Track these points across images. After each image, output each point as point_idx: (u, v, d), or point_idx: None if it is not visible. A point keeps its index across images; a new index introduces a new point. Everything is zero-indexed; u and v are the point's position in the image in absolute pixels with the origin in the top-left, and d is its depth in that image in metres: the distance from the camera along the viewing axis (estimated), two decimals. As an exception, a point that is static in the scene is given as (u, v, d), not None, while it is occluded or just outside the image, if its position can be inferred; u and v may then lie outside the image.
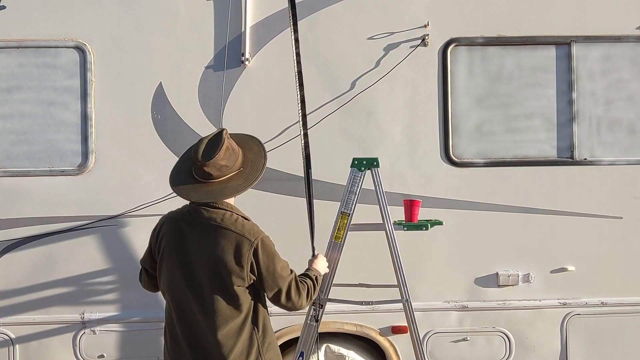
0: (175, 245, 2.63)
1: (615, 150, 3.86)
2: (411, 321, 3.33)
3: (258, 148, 2.79)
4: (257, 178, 2.67)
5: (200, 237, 2.58)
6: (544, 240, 3.84)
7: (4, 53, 3.67)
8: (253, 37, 3.74)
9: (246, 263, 2.54)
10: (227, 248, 2.53)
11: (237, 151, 2.67)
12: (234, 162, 2.64)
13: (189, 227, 2.62)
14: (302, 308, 2.78)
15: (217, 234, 2.56)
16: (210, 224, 2.58)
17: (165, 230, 2.68)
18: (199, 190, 2.61)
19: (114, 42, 3.71)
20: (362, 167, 3.38)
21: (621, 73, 3.86)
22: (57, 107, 3.69)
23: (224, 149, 2.58)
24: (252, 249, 2.55)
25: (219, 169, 2.59)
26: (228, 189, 2.61)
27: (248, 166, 2.70)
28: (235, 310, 2.56)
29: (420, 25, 3.80)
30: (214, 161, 2.56)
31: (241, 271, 2.53)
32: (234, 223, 2.59)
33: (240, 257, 2.53)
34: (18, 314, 3.67)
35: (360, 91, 3.76)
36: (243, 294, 2.57)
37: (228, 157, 2.61)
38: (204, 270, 2.55)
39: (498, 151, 3.83)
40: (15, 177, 3.66)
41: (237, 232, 2.56)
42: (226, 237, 2.55)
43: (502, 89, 3.84)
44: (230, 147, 2.63)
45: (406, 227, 3.44)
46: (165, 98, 3.72)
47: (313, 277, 2.91)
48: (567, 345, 3.87)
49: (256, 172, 2.69)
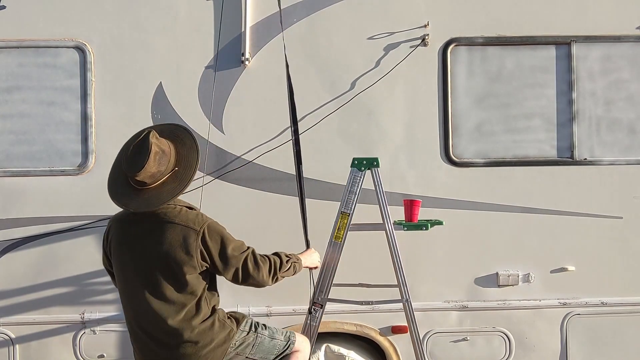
0: (124, 245, 2.68)
1: (615, 150, 3.86)
2: (411, 321, 3.34)
3: (190, 142, 2.70)
4: (191, 177, 2.62)
5: (147, 234, 2.61)
6: (544, 240, 3.84)
7: (4, 53, 3.67)
8: (253, 37, 3.74)
9: (195, 252, 2.58)
10: (175, 241, 2.57)
11: (169, 151, 2.61)
12: (166, 165, 2.58)
13: (135, 226, 2.65)
14: (265, 283, 2.82)
15: (163, 228, 2.59)
16: (155, 220, 2.61)
17: (114, 232, 2.73)
18: (136, 199, 2.58)
19: (114, 42, 3.71)
20: (362, 167, 3.38)
21: (621, 73, 3.86)
22: (57, 107, 3.69)
23: (153, 155, 2.52)
24: (199, 237, 2.60)
25: (152, 176, 2.55)
26: (164, 194, 2.57)
27: (182, 165, 2.64)
28: (188, 297, 2.62)
29: (420, 25, 3.80)
30: (144, 171, 2.51)
31: (191, 260, 2.59)
32: (178, 215, 2.62)
33: (189, 247, 2.57)
34: (18, 314, 3.67)
35: (360, 91, 3.76)
36: (196, 281, 2.63)
37: (158, 161, 2.55)
38: (155, 266, 2.60)
39: (498, 151, 3.83)
40: (15, 177, 3.66)
41: (182, 223, 2.60)
42: (172, 230, 2.59)
43: (502, 89, 3.84)
44: (160, 149, 2.56)
45: (406, 227, 3.44)
46: (165, 98, 3.72)
47: (283, 256, 2.92)
48: (567, 345, 3.87)
49: (190, 170, 2.63)
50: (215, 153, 3.73)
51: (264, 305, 3.74)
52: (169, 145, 2.64)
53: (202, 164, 3.70)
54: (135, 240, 2.65)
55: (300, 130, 3.72)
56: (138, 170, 2.51)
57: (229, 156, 3.74)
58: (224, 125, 3.74)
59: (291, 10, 3.76)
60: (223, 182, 3.72)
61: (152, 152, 2.52)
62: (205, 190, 3.71)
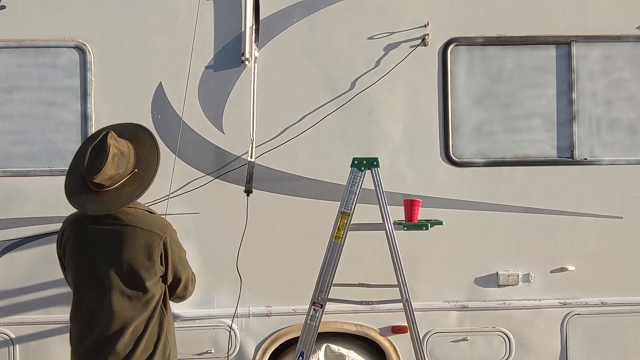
0: (81, 247, 2.60)
1: (615, 150, 3.87)
2: (411, 321, 3.34)
3: (150, 142, 2.67)
4: (151, 179, 2.59)
5: (107, 238, 2.55)
6: (544, 240, 3.84)
7: (4, 53, 3.67)
8: (253, 37, 3.74)
9: (157, 257, 2.56)
10: (137, 245, 2.53)
11: (128, 152, 2.58)
12: (125, 166, 2.55)
13: (93, 228, 2.58)
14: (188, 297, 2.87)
15: (125, 232, 2.54)
16: (116, 223, 2.55)
17: (69, 234, 2.65)
18: (94, 201, 2.53)
19: (114, 42, 3.71)
20: (362, 167, 3.38)
21: (621, 73, 3.86)
22: (57, 107, 3.69)
23: (111, 157, 2.48)
24: (161, 242, 2.57)
25: (110, 178, 2.51)
26: (123, 196, 2.53)
27: (141, 166, 2.61)
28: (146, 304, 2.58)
29: (420, 25, 3.80)
30: (102, 173, 2.46)
31: (152, 265, 2.55)
32: (139, 219, 2.57)
33: (151, 252, 2.54)
34: (18, 314, 3.67)
35: (360, 91, 3.76)
36: (154, 287, 2.59)
37: (117, 164, 2.52)
38: (114, 270, 2.54)
39: (498, 151, 3.84)
40: (15, 177, 3.66)
41: (145, 228, 2.56)
42: (135, 234, 2.54)
43: (502, 89, 3.84)
44: (119, 151, 2.53)
45: (406, 227, 3.44)
46: (165, 98, 3.72)
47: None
48: (567, 345, 3.87)
49: (150, 171, 2.60)
50: (215, 153, 3.73)
51: (264, 305, 3.74)
52: (129, 146, 2.60)
53: (202, 164, 3.72)
54: (93, 243, 2.57)
55: (300, 130, 3.73)
56: (96, 172, 2.45)
57: (229, 156, 3.74)
58: (224, 125, 3.74)
59: (291, 10, 3.76)
60: (223, 182, 3.72)
61: (110, 154, 2.47)
62: (205, 190, 3.72)
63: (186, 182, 3.71)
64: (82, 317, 2.62)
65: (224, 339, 3.73)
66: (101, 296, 2.56)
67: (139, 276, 2.54)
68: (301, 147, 3.74)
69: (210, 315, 3.72)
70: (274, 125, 3.74)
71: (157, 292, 2.62)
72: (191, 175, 3.72)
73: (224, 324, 3.73)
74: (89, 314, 2.60)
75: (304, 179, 3.75)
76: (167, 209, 3.61)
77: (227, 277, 3.71)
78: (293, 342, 3.72)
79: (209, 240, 3.73)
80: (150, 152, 2.64)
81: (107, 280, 2.55)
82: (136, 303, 2.56)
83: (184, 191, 3.71)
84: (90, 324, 2.59)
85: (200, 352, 3.73)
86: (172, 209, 3.69)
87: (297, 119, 3.75)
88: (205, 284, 3.72)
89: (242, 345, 3.75)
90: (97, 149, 2.49)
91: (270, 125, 3.74)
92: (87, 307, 2.60)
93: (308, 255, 3.64)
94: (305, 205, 3.74)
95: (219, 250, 3.72)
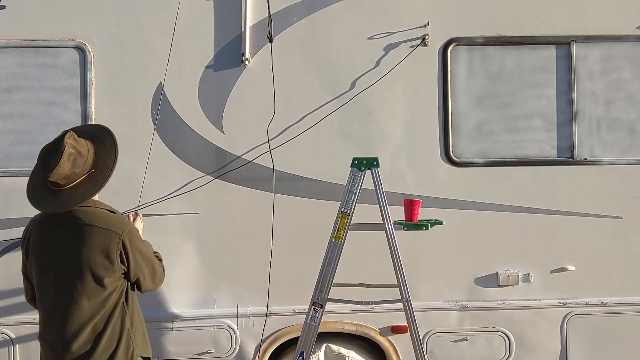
0: (42, 247, 2.64)
1: (615, 150, 3.87)
2: (411, 321, 3.34)
3: (110, 142, 2.70)
4: (106, 179, 2.63)
5: (67, 237, 2.59)
6: (544, 240, 3.84)
7: (4, 53, 3.67)
8: (253, 37, 3.74)
9: (116, 255, 2.58)
10: (96, 244, 2.56)
11: (86, 153, 2.60)
12: (81, 166, 2.58)
13: (54, 228, 2.62)
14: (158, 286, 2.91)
15: (84, 231, 2.57)
16: (76, 223, 2.59)
17: (32, 234, 2.68)
18: (50, 200, 2.58)
19: (114, 42, 3.71)
20: (362, 167, 3.38)
21: (621, 73, 3.86)
22: (57, 107, 3.69)
23: (66, 157, 2.51)
24: (120, 241, 2.59)
25: (66, 177, 2.54)
26: (77, 196, 2.57)
27: (99, 166, 2.64)
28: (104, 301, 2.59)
29: (420, 25, 3.80)
30: (56, 172, 2.50)
31: (112, 264, 2.58)
32: (99, 218, 2.61)
33: (109, 250, 2.57)
34: (18, 314, 3.67)
35: (360, 91, 3.76)
36: (113, 285, 2.61)
37: (73, 163, 2.55)
38: (74, 268, 2.57)
39: (498, 151, 3.83)
40: (15, 177, 3.66)
41: (104, 227, 2.59)
42: (94, 233, 2.57)
43: (502, 89, 3.84)
44: (75, 151, 2.56)
45: (406, 227, 3.44)
46: (165, 98, 3.72)
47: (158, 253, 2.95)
48: (567, 345, 3.87)
49: (106, 171, 2.64)
50: (215, 153, 3.73)
51: (264, 305, 3.73)
52: (88, 146, 2.63)
53: (202, 164, 3.72)
54: (54, 243, 2.61)
55: (300, 130, 3.73)
56: (50, 170, 2.50)
57: (229, 156, 3.74)
58: (224, 125, 3.74)
59: (291, 10, 3.76)
60: (223, 182, 3.72)
61: (66, 153, 2.51)
62: (205, 190, 3.72)
63: (186, 182, 3.71)
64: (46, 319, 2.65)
65: (224, 339, 3.73)
66: (59, 297, 2.60)
67: (95, 274, 2.57)
68: (301, 147, 3.74)
69: (210, 315, 3.72)
70: (274, 125, 3.74)
71: (115, 289, 2.63)
72: (191, 175, 3.72)
73: (224, 324, 3.73)
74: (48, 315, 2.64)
75: (304, 179, 3.75)
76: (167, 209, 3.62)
77: (227, 277, 3.71)
78: (293, 342, 3.72)
79: (209, 240, 3.73)
80: (109, 153, 2.68)
81: (65, 280, 2.58)
82: (94, 301, 2.59)
83: (184, 191, 3.71)
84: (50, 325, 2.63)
85: (200, 352, 3.73)
86: (172, 209, 3.69)
87: (297, 119, 3.75)
88: (205, 284, 3.72)
89: (242, 345, 3.75)
90: (53, 149, 2.54)
91: (271, 125, 3.73)
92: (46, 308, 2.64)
93: (308, 255, 3.64)
94: (305, 205, 3.74)
95: (219, 250, 3.72)
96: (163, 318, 3.70)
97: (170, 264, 3.71)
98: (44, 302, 2.67)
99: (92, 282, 2.57)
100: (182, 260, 3.71)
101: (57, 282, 2.60)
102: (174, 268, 3.70)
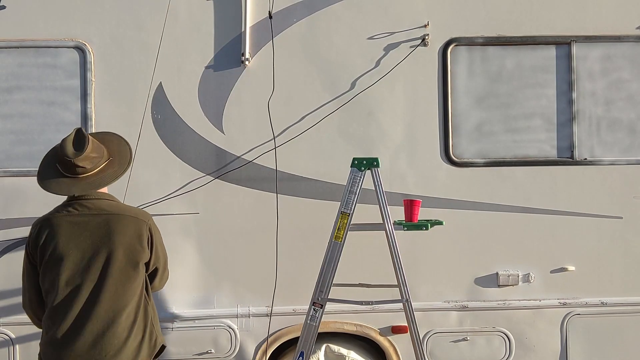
0: (69, 243, 2.62)
1: (615, 150, 3.87)
2: (411, 321, 3.34)
3: (117, 139, 2.88)
4: (129, 162, 2.79)
5: (98, 227, 2.63)
6: (544, 240, 3.84)
7: (4, 53, 3.67)
8: (253, 37, 3.74)
9: (146, 242, 2.68)
10: (130, 231, 2.65)
11: (99, 144, 2.77)
12: (102, 153, 2.73)
13: (82, 222, 2.64)
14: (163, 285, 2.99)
15: (115, 220, 2.65)
16: (104, 214, 2.65)
17: (48, 235, 2.66)
18: (78, 185, 2.66)
19: (114, 42, 3.71)
20: (362, 167, 3.38)
21: (621, 73, 3.86)
22: (57, 107, 3.69)
23: (91, 142, 2.68)
24: (147, 227, 2.70)
25: (92, 161, 2.68)
26: (107, 176, 2.71)
27: (115, 155, 2.79)
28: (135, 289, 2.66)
29: (420, 25, 3.80)
30: (86, 154, 2.64)
31: (143, 250, 2.67)
32: (123, 208, 2.72)
33: (141, 236, 2.67)
34: (18, 314, 3.65)
35: (360, 91, 3.76)
36: (143, 271, 2.70)
37: (96, 149, 2.71)
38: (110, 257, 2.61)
39: (498, 151, 3.84)
40: (15, 177, 3.66)
41: (132, 215, 2.70)
42: (126, 221, 2.66)
43: (502, 89, 3.84)
44: (94, 141, 2.73)
45: (406, 227, 3.44)
46: (165, 98, 3.72)
47: None
48: (567, 345, 3.87)
49: (125, 157, 2.81)
50: (215, 153, 3.73)
51: (264, 305, 3.74)
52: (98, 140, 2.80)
53: (202, 164, 3.72)
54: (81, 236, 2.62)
55: (300, 130, 3.73)
56: (81, 153, 2.62)
57: (229, 156, 3.74)
58: (224, 125, 3.74)
59: (291, 10, 3.76)
60: (223, 182, 3.72)
61: (90, 139, 2.68)
62: (205, 190, 3.72)
63: (186, 182, 3.71)
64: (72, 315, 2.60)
65: (224, 339, 3.73)
66: (96, 287, 2.60)
67: (133, 260, 2.64)
68: (301, 147, 3.74)
69: (210, 315, 3.72)
70: (274, 125, 3.74)
71: (143, 278, 2.72)
72: (191, 175, 3.72)
73: (224, 324, 3.73)
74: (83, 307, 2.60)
75: (304, 179, 3.75)
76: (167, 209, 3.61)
77: (227, 277, 3.71)
78: (293, 342, 3.72)
79: (209, 240, 3.73)
80: (121, 145, 2.86)
81: (103, 269, 2.61)
82: (129, 288, 2.64)
83: (184, 191, 3.71)
84: (84, 318, 2.59)
85: (200, 352, 3.73)
86: (172, 209, 3.69)
87: (297, 119, 3.75)
88: (205, 284, 3.72)
89: (242, 345, 3.75)
90: (77, 137, 2.68)
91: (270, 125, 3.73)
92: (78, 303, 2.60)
93: (308, 255, 3.64)
94: (305, 205, 3.74)
95: (219, 250, 3.72)
96: (163, 318, 3.70)
97: (170, 264, 3.71)
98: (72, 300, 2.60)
99: (130, 269, 2.64)
100: (182, 260, 3.71)
101: (92, 275, 2.60)
102: (174, 268, 3.69)
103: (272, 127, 3.69)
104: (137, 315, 2.66)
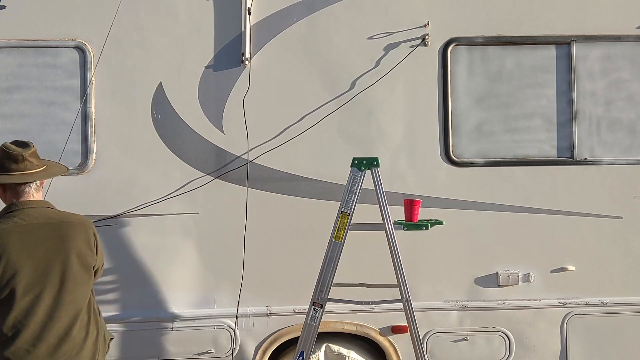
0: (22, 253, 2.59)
1: (615, 150, 3.87)
2: (411, 321, 3.34)
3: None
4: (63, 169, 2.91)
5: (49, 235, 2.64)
6: (544, 240, 3.84)
7: (4, 53, 3.67)
8: (253, 37, 3.74)
9: (93, 245, 2.77)
10: (80, 236, 2.70)
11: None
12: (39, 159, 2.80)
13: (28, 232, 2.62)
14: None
15: (66, 226, 2.69)
16: (52, 222, 2.68)
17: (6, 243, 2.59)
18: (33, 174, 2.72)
19: (114, 42, 3.70)
20: (362, 167, 3.38)
21: (621, 73, 3.86)
22: (57, 107, 3.69)
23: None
24: (92, 232, 2.79)
25: (37, 158, 2.74)
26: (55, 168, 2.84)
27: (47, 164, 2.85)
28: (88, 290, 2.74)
29: (420, 25, 3.80)
30: (33, 151, 2.72)
31: (93, 253, 2.75)
32: (67, 215, 2.76)
33: (90, 240, 2.75)
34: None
35: (360, 91, 3.76)
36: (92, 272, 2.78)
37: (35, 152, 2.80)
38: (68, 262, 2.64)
39: (498, 151, 3.84)
40: (15, 177, 3.65)
41: (79, 221, 2.75)
42: (75, 227, 2.71)
43: (502, 88, 3.84)
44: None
45: (406, 227, 3.44)
46: (165, 98, 3.72)
47: None
48: (567, 345, 3.87)
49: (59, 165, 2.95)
50: (215, 153, 3.73)
51: (264, 305, 3.74)
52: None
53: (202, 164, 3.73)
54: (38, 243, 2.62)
55: (300, 130, 3.73)
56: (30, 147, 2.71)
57: (229, 156, 3.74)
58: (224, 125, 3.74)
59: (291, 10, 3.76)
60: (223, 182, 3.73)
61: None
62: (205, 190, 3.72)
63: (186, 182, 3.72)
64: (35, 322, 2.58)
65: (224, 339, 3.73)
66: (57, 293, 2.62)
67: (85, 265, 2.70)
68: (301, 147, 3.74)
69: (210, 315, 3.72)
70: (274, 125, 3.74)
71: (92, 279, 2.79)
72: (191, 175, 3.72)
73: (224, 324, 3.73)
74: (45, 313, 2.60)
75: (304, 179, 3.75)
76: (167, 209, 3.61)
77: (227, 277, 3.71)
78: (293, 342, 3.72)
79: (209, 240, 3.73)
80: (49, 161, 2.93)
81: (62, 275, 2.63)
82: (84, 291, 2.71)
83: (184, 191, 3.71)
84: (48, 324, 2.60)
85: (200, 352, 3.73)
86: (172, 208, 3.69)
87: (297, 119, 3.76)
88: (205, 284, 3.72)
89: (242, 345, 3.75)
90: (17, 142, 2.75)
91: (271, 125, 3.74)
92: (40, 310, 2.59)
93: (308, 255, 3.64)
94: (305, 205, 3.74)
95: (219, 250, 3.72)
96: (163, 318, 3.71)
97: (170, 264, 3.73)
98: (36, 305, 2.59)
99: (83, 272, 2.69)
100: (182, 260, 3.71)
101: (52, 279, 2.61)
102: (174, 268, 3.70)
103: (246, 125, 3.69)
104: (89, 315, 2.73)
